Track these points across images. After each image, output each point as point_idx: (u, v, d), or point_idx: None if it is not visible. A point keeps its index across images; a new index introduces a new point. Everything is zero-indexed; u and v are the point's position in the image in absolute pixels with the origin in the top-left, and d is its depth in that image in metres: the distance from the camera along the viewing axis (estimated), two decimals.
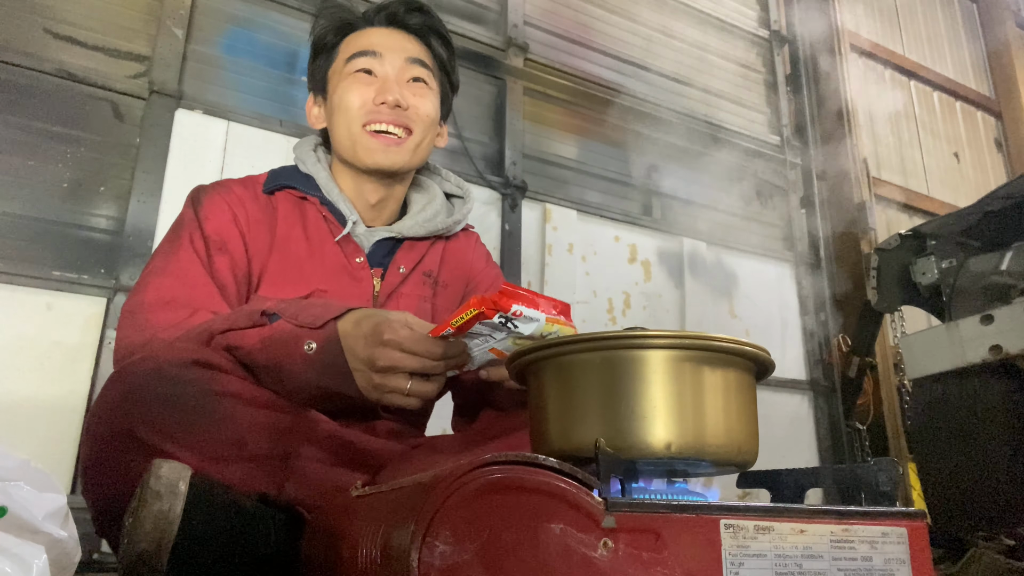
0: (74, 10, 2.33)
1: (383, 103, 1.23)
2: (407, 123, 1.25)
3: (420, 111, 1.26)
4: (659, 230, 3.42)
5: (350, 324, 0.96)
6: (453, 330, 0.89)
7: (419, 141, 1.27)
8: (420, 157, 1.30)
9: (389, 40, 1.28)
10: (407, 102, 1.24)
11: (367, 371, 0.94)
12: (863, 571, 0.62)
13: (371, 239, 1.27)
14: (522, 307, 0.85)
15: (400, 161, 1.25)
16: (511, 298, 0.84)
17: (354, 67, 1.26)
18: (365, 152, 1.24)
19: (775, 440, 3.43)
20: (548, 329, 0.89)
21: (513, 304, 0.84)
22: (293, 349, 0.96)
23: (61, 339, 2.08)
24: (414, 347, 0.92)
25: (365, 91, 1.24)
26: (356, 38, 1.29)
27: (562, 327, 0.90)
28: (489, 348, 0.95)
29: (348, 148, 1.26)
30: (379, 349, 0.92)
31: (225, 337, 1.00)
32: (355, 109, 1.24)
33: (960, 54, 5.42)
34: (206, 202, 1.20)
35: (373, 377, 0.94)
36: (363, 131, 1.24)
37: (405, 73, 1.26)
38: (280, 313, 0.99)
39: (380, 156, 1.24)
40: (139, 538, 0.72)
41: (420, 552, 0.53)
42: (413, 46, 1.29)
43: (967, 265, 2.07)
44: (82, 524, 0.93)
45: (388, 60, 1.26)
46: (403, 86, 1.26)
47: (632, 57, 3.61)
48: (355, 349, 0.94)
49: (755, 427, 0.75)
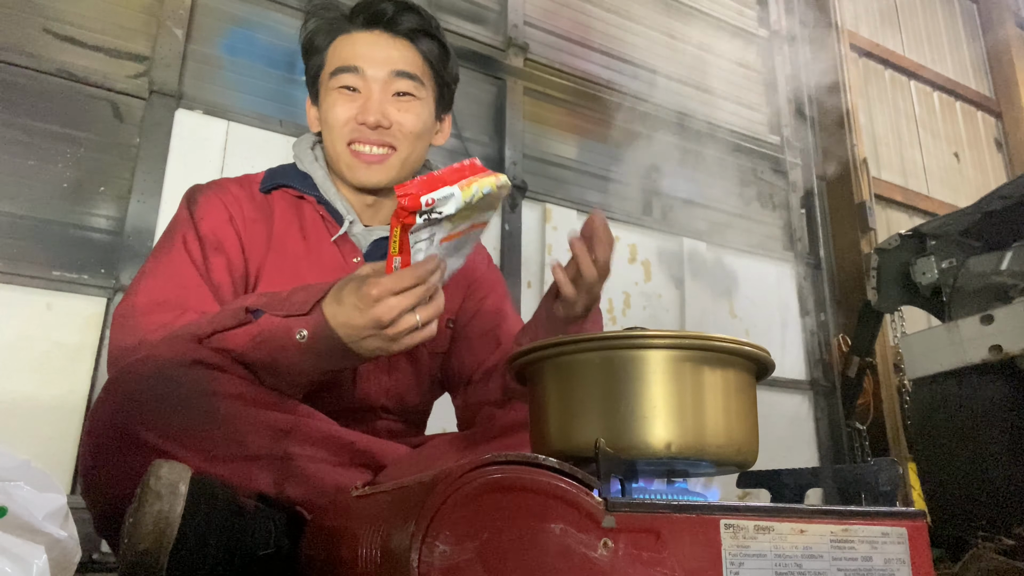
0: (74, 10, 2.32)
1: (363, 123, 1.21)
2: (390, 141, 1.23)
3: (405, 127, 1.23)
4: (659, 230, 3.42)
5: (334, 301, 0.94)
6: (399, 256, 0.89)
7: (405, 156, 1.25)
8: (410, 168, 1.28)
9: (374, 51, 1.24)
10: (390, 119, 1.22)
11: (377, 332, 0.92)
12: (863, 571, 0.62)
13: (368, 238, 1.26)
14: (430, 195, 0.84)
15: (385, 179, 1.24)
16: (413, 195, 0.83)
17: (337, 83, 1.24)
18: (348, 170, 1.24)
19: (775, 440, 3.42)
20: (469, 194, 0.87)
21: (420, 197, 0.83)
22: (285, 341, 0.95)
23: (61, 339, 2.08)
24: (401, 284, 0.90)
25: (348, 108, 1.22)
26: (343, 44, 1.26)
27: (481, 182, 0.88)
28: (440, 240, 0.92)
29: (335, 163, 1.26)
30: (376, 307, 0.90)
31: (212, 340, 0.99)
32: (339, 127, 1.22)
33: (960, 54, 5.42)
34: (202, 202, 1.20)
35: (386, 333, 0.92)
36: (347, 149, 1.23)
37: (389, 87, 1.23)
38: (264, 307, 0.98)
39: (363, 175, 1.23)
40: (139, 538, 0.72)
41: (420, 552, 0.53)
42: (399, 54, 1.25)
43: (967, 265, 2.07)
44: (82, 524, 0.93)
45: (371, 75, 1.23)
46: (387, 102, 1.23)
47: (632, 57, 3.60)
48: (351, 322, 0.93)
49: (755, 427, 0.75)
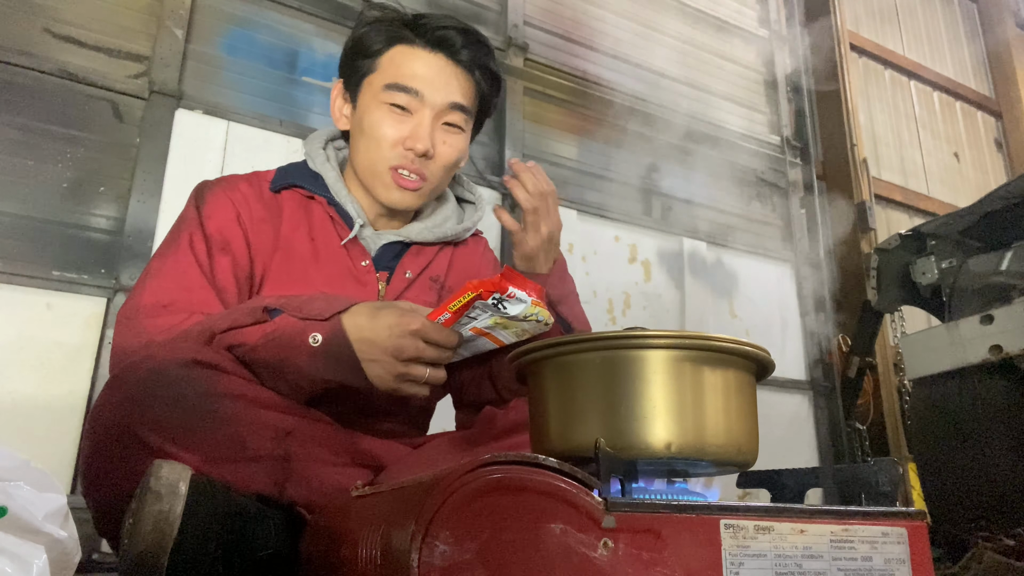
0: (74, 10, 2.32)
1: (411, 149, 1.19)
2: (425, 172, 1.21)
3: (443, 159, 1.22)
4: (659, 230, 3.42)
5: (364, 316, 0.96)
6: (450, 314, 0.92)
7: (435, 186, 1.25)
8: (436, 194, 1.30)
9: (436, 76, 1.21)
10: (435, 151, 1.21)
11: (392, 361, 0.95)
12: (863, 571, 0.62)
13: (378, 242, 1.25)
14: (516, 289, 0.89)
15: (414, 204, 1.25)
16: (510, 280, 0.89)
17: (390, 99, 1.19)
18: (384, 189, 1.22)
19: (775, 440, 3.42)
20: (531, 311, 0.92)
21: (511, 286, 0.88)
22: (298, 342, 0.97)
23: (61, 339, 2.08)
24: (438, 337, 0.94)
25: (399, 129, 1.19)
26: (402, 56, 1.22)
27: (541, 310, 0.94)
28: (471, 328, 0.97)
29: (367, 176, 1.23)
30: (407, 339, 0.93)
31: (227, 335, 0.99)
32: (387, 148, 1.19)
33: (960, 54, 5.42)
34: (209, 199, 1.19)
35: (398, 367, 0.95)
36: (389, 170, 1.20)
37: (441, 117, 1.21)
38: (283, 308, 0.99)
39: (397, 197, 1.22)
40: (139, 539, 0.72)
41: (420, 552, 0.53)
42: (457, 84, 1.22)
43: (967, 265, 2.07)
44: (82, 524, 0.93)
45: (428, 102, 1.20)
46: (436, 130, 1.21)
47: (632, 57, 3.61)
48: (376, 340, 0.95)
49: (755, 427, 0.75)
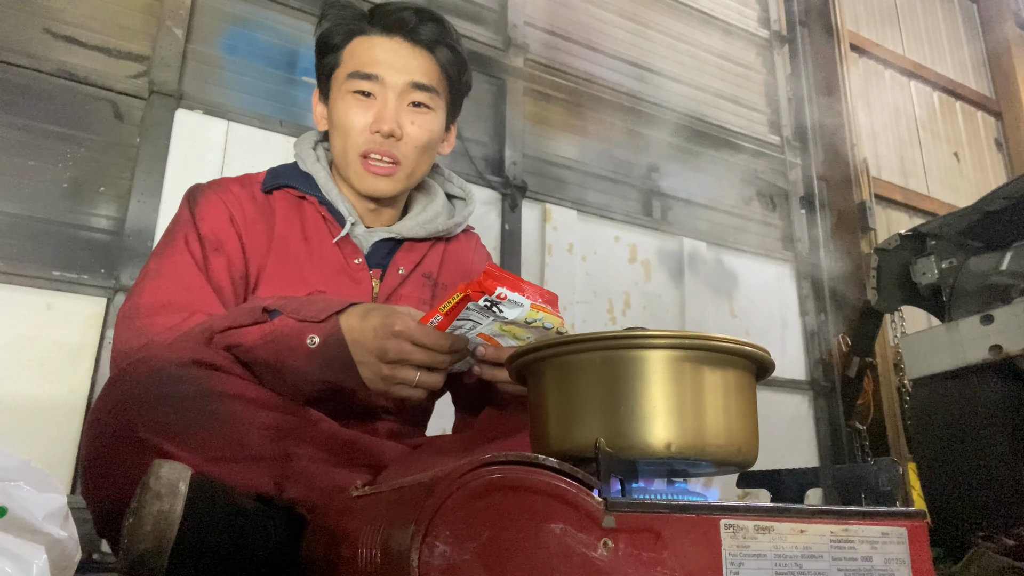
0: (74, 10, 2.32)
1: (377, 131, 1.21)
2: (397, 156, 1.23)
3: (413, 140, 1.23)
4: (659, 230, 3.42)
5: (356, 317, 0.97)
6: (442, 316, 0.91)
7: (411, 170, 1.26)
8: (416, 179, 1.29)
9: (393, 59, 1.23)
10: (402, 131, 1.22)
11: (377, 363, 0.95)
12: (863, 571, 0.62)
13: (370, 240, 1.26)
14: (506, 290, 0.86)
15: (390, 190, 1.25)
16: (496, 280, 0.85)
17: (353, 87, 1.23)
18: (357, 178, 1.24)
19: (775, 440, 3.42)
20: (533, 316, 0.90)
21: (498, 287, 0.85)
22: (296, 343, 0.97)
23: (61, 339, 2.08)
24: (424, 339, 0.93)
25: (363, 115, 1.22)
26: (361, 46, 1.25)
27: (547, 315, 0.91)
28: (477, 334, 0.96)
29: (343, 168, 1.26)
30: (390, 341, 0.93)
31: (226, 335, 1.00)
32: (354, 135, 1.22)
33: (960, 54, 5.41)
34: (202, 201, 1.20)
35: (383, 368, 0.95)
36: (359, 158, 1.23)
37: (406, 97, 1.23)
38: (281, 309, 1.00)
39: (370, 184, 1.24)
40: (139, 538, 0.72)
41: (420, 552, 0.53)
42: (418, 64, 1.25)
43: (967, 265, 2.07)
44: (82, 524, 0.93)
45: (389, 84, 1.22)
46: (402, 111, 1.23)
47: (632, 57, 3.60)
48: (363, 341, 0.95)
49: (755, 427, 0.75)
